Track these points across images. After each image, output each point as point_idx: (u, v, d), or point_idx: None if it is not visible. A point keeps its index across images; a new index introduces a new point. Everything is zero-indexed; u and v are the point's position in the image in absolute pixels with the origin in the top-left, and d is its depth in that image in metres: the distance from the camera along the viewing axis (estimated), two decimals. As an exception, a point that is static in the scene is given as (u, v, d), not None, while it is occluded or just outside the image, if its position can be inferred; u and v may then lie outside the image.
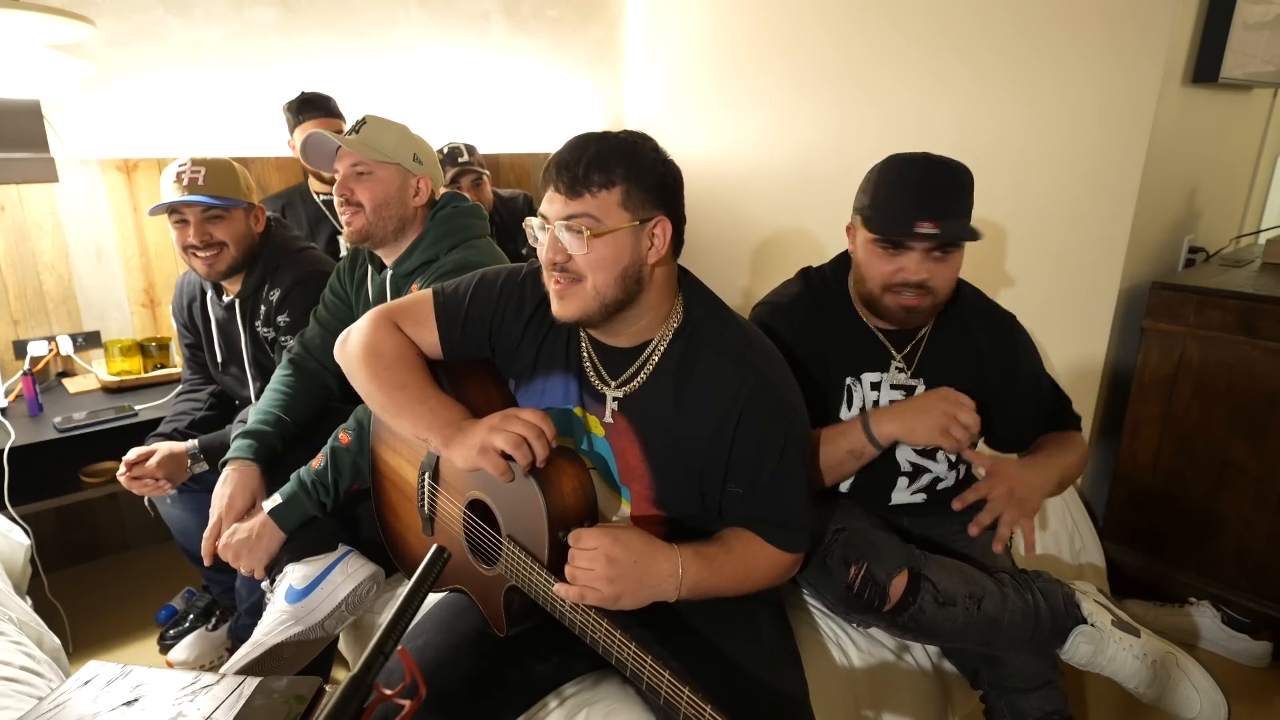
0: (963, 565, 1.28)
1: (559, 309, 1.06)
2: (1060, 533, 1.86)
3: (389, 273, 1.55)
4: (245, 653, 1.31)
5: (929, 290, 1.25)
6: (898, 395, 1.37)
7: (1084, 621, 1.28)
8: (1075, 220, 2.10)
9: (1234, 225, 2.64)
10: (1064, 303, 2.16)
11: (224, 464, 1.48)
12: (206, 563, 1.43)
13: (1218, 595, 1.98)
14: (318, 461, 1.42)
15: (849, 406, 1.37)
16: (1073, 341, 2.16)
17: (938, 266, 1.24)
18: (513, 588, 1.08)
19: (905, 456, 1.39)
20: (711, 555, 1.06)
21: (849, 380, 1.36)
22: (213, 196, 1.64)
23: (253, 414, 1.55)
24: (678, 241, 1.09)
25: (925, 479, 1.41)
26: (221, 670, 1.29)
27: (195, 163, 1.66)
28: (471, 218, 1.58)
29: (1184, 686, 1.25)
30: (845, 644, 1.35)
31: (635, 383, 1.11)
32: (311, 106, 2.24)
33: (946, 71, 2.28)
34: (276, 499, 1.40)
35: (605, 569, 0.97)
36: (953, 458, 1.40)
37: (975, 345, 1.37)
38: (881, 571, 1.19)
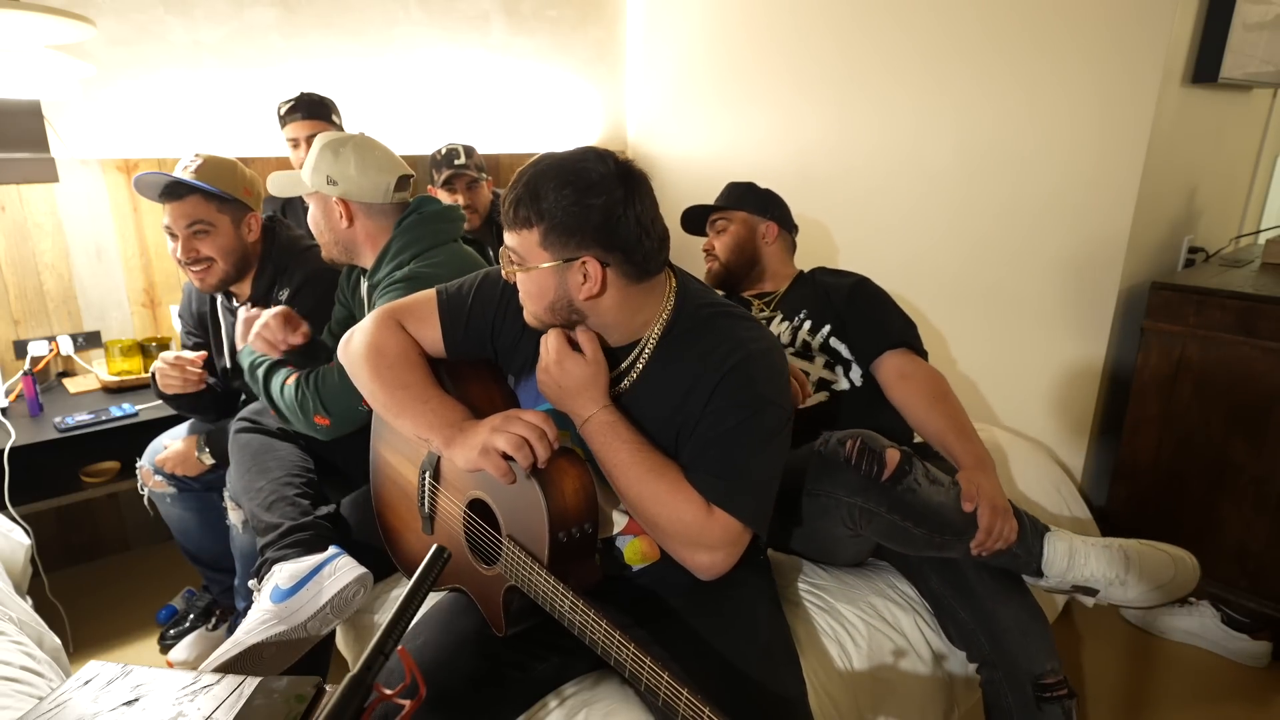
0: None
1: (525, 318, 1.14)
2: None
3: (365, 283, 1.56)
4: (225, 650, 1.30)
5: (714, 256, 1.84)
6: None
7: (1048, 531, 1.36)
8: (1075, 220, 2.10)
9: (1234, 225, 2.64)
10: (1064, 303, 2.16)
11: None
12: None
13: (1218, 595, 1.98)
14: (293, 379, 1.45)
15: None
16: (1073, 341, 2.17)
17: (715, 240, 1.85)
18: (512, 587, 1.08)
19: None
20: (637, 442, 1.08)
21: None
22: (200, 181, 1.63)
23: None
24: (635, 268, 1.05)
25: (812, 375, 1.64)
26: (200, 667, 1.29)
27: (197, 155, 1.67)
28: (438, 222, 1.54)
29: (1150, 554, 1.32)
30: (845, 640, 1.35)
31: (625, 381, 1.13)
32: (293, 109, 2.24)
33: (946, 72, 2.28)
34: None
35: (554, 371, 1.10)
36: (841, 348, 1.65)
37: (824, 291, 1.71)
38: (875, 444, 1.25)
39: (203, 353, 1.79)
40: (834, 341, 1.65)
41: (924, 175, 2.39)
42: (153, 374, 1.76)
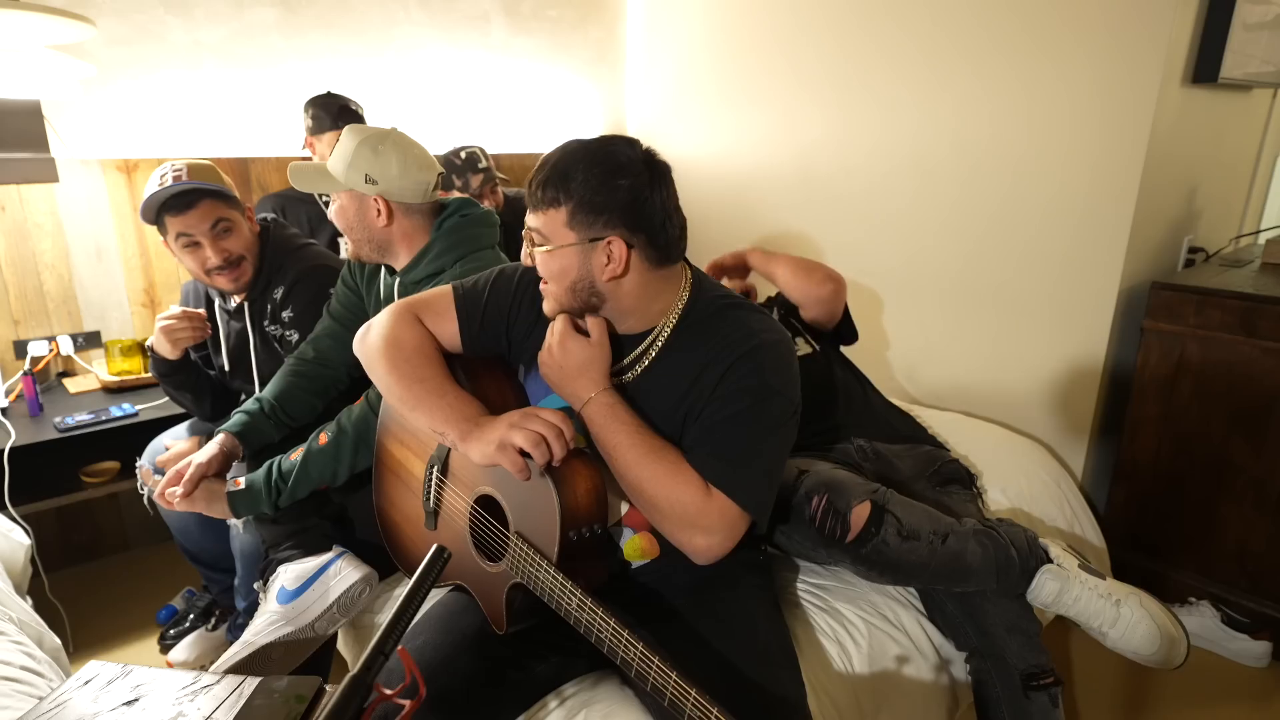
0: (927, 506, 1.32)
1: (543, 306, 1.15)
2: (1058, 518, 1.87)
3: (397, 279, 1.54)
4: (235, 652, 1.31)
5: None
6: None
7: (1049, 562, 1.32)
8: (1075, 220, 2.10)
9: (1234, 225, 2.64)
10: (1064, 303, 2.16)
11: (219, 431, 1.48)
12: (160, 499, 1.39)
13: (1218, 595, 1.98)
14: (295, 454, 1.42)
15: None
16: (1073, 341, 2.17)
17: None
18: (516, 585, 1.09)
19: None
20: (636, 425, 1.08)
21: None
22: (207, 183, 1.61)
23: (254, 399, 1.56)
24: (658, 252, 1.07)
25: None
26: (211, 669, 1.29)
27: (177, 164, 1.63)
28: (479, 226, 1.54)
29: (1146, 624, 1.29)
30: (845, 640, 1.35)
31: (638, 368, 1.14)
32: (350, 116, 2.25)
33: (947, 71, 2.28)
34: (240, 483, 1.40)
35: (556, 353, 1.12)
36: None
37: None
38: (842, 502, 1.23)
39: (201, 311, 1.78)
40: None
41: (924, 174, 2.39)
42: (150, 349, 1.74)
